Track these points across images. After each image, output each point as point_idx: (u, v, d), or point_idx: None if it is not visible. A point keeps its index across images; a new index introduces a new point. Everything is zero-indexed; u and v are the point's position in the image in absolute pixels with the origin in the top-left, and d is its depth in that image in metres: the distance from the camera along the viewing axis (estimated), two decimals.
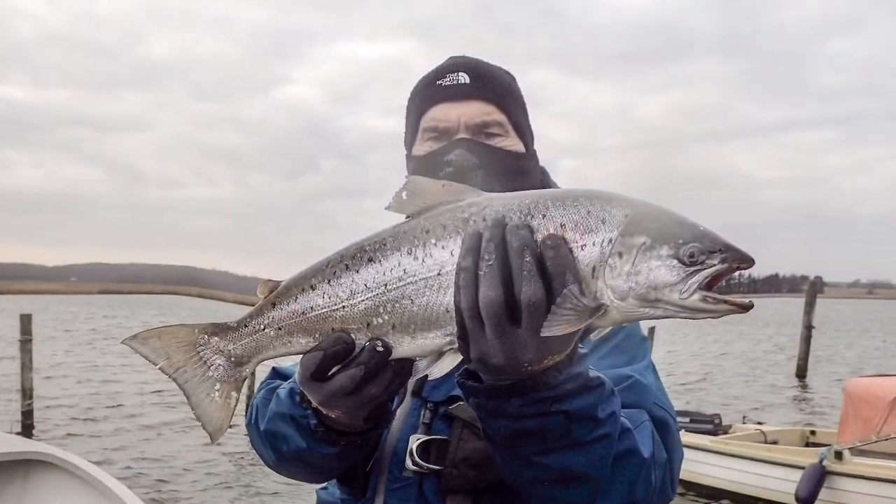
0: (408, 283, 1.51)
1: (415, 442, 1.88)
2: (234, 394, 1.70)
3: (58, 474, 7.63)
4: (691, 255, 1.39)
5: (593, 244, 1.41)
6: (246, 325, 1.67)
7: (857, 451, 12.67)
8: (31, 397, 20.19)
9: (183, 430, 20.00)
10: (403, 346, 1.54)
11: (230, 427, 1.70)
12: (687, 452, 2.19)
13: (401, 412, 1.96)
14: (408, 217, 1.57)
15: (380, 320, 1.54)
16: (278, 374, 2.16)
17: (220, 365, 1.69)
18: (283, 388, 1.91)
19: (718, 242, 1.41)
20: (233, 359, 1.68)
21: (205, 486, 15.68)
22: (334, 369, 1.57)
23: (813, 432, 15.83)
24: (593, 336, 1.65)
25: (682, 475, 1.90)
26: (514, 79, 2.23)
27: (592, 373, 1.55)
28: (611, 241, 1.41)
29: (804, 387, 30.96)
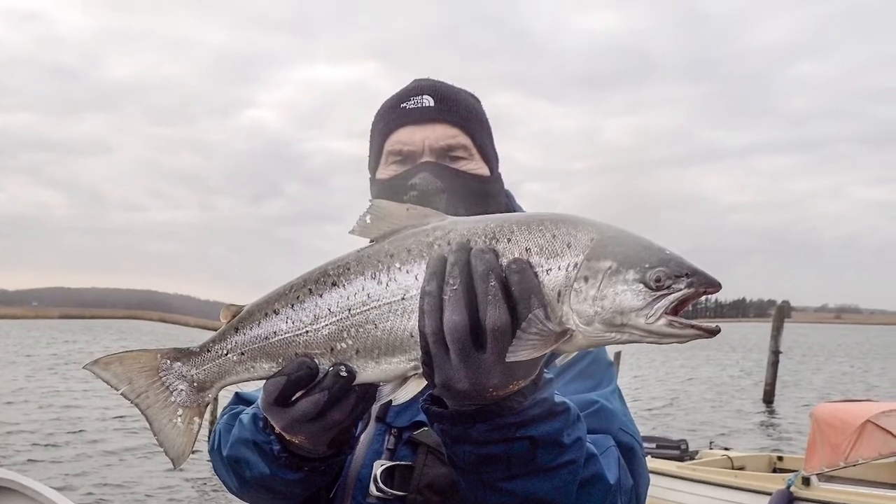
0: (372, 308, 1.50)
1: (379, 468, 1.86)
2: (196, 419, 1.68)
3: (19, 500, 7.54)
4: (658, 280, 1.38)
5: (559, 268, 1.40)
6: (209, 350, 1.65)
7: (825, 477, 12.70)
8: None
9: (145, 456, 19.82)
10: (367, 371, 1.52)
11: (193, 453, 1.68)
12: (653, 478, 2.18)
13: (364, 438, 1.93)
14: (372, 241, 1.56)
15: (343, 345, 1.52)
16: (241, 400, 2.14)
17: (182, 390, 1.67)
18: (247, 414, 1.89)
19: (685, 267, 1.40)
20: (195, 384, 1.66)
21: None
22: (297, 394, 1.56)
23: (780, 458, 15.88)
24: (559, 361, 1.64)
25: (649, 501, 1.89)
26: (478, 101, 2.23)
27: (558, 398, 1.54)
28: (576, 265, 1.40)
29: (771, 412, 31.19)
